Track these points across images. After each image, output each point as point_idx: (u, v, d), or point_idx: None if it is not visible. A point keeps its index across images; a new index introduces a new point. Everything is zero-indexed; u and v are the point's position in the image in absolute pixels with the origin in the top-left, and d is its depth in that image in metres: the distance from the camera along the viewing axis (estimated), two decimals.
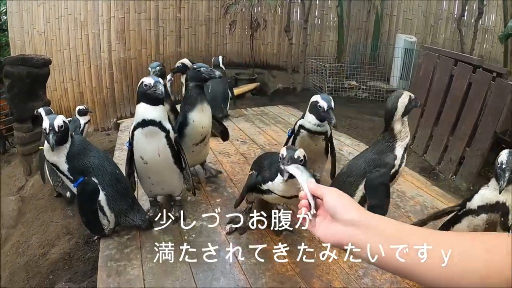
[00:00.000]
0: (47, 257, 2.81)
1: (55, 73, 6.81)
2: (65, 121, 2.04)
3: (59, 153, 2.07)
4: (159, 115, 2.20)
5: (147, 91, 2.15)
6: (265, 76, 7.87)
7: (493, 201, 1.77)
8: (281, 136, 4.30)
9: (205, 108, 2.67)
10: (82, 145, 2.14)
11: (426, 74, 4.56)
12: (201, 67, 2.57)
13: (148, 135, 2.22)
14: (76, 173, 2.10)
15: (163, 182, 2.48)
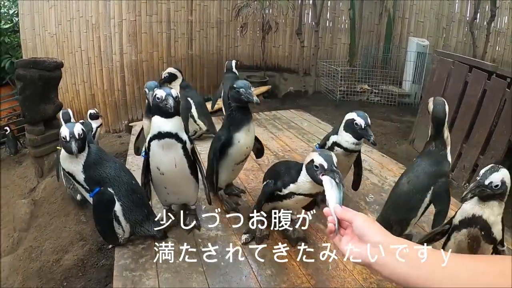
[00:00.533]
0: (61, 263, 2.80)
1: (66, 75, 6.83)
2: (83, 129, 2.03)
3: (76, 162, 2.06)
4: (175, 126, 2.18)
5: (159, 104, 2.13)
6: (276, 79, 7.84)
7: (469, 214, 1.76)
8: (294, 142, 4.28)
9: (251, 128, 2.59)
10: (98, 155, 2.13)
11: (440, 80, 4.51)
12: (241, 87, 2.39)
13: (165, 147, 2.21)
14: (92, 183, 2.09)
15: (179, 192, 2.47)
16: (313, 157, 1.87)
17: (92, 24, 6.68)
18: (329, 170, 1.76)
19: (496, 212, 1.71)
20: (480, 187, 1.67)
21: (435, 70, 4.71)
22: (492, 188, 1.66)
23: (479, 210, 1.73)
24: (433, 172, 2.22)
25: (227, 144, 2.54)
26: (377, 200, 3.01)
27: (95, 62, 6.80)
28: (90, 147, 2.13)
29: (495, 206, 1.71)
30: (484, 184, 1.66)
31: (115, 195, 2.14)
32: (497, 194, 1.68)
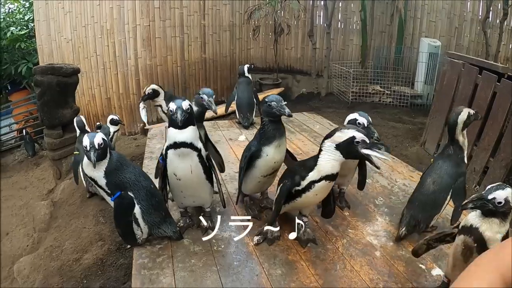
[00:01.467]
0: (81, 262, 2.92)
1: (82, 80, 6.93)
2: (104, 138, 2.13)
3: (98, 169, 2.16)
4: (189, 136, 2.27)
5: (172, 116, 2.24)
6: (289, 80, 7.92)
7: (469, 223, 1.78)
8: (307, 145, 4.33)
9: (282, 143, 2.54)
10: (119, 161, 2.24)
11: (450, 82, 4.53)
12: (272, 101, 2.39)
13: (181, 155, 2.31)
14: (113, 187, 2.20)
15: (195, 196, 2.56)
16: (353, 134, 1.97)
17: (107, 30, 6.81)
18: (371, 144, 1.95)
19: (495, 229, 1.71)
20: (482, 200, 1.70)
21: (445, 73, 4.73)
22: (494, 204, 1.67)
23: (478, 222, 1.74)
24: (453, 173, 2.46)
25: (255, 156, 2.55)
26: (386, 202, 3.06)
27: (111, 66, 6.93)
28: (112, 154, 2.24)
29: (494, 223, 1.71)
30: (486, 198, 1.68)
31: (134, 198, 2.25)
32: (499, 211, 1.68)
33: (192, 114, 2.31)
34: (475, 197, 1.72)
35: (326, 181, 2.14)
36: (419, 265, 2.30)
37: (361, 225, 2.71)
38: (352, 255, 2.38)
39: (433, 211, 2.51)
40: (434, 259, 2.36)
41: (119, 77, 6.91)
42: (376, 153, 1.93)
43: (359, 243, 2.50)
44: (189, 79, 7.41)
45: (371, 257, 2.37)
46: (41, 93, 4.81)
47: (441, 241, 2.02)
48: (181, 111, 2.20)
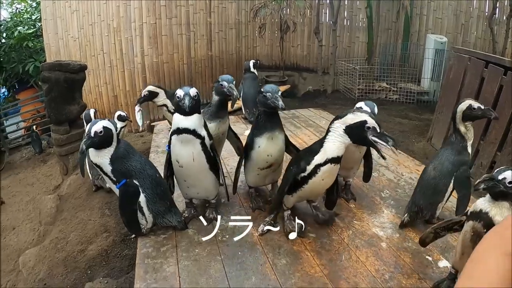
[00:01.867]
0: (85, 253, 2.94)
1: (89, 77, 6.97)
2: (106, 126, 2.14)
3: (103, 156, 2.18)
4: (193, 123, 2.28)
5: (179, 102, 2.25)
6: (295, 78, 7.91)
7: (478, 208, 1.76)
8: (313, 139, 4.31)
9: (275, 136, 2.50)
10: (126, 150, 2.26)
11: (456, 76, 4.49)
12: (268, 92, 2.36)
13: (183, 142, 2.31)
14: (119, 175, 2.21)
15: (199, 186, 2.55)
16: (365, 118, 1.97)
17: (114, 28, 6.84)
18: (381, 134, 1.94)
19: (505, 213, 1.69)
20: (493, 180, 1.69)
21: (451, 67, 4.69)
22: (504, 185, 1.66)
23: (488, 207, 1.72)
24: (455, 160, 2.41)
25: (249, 146, 2.57)
26: (392, 195, 3.04)
27: (117, 64, 6.96)
28: (120, 142, 2.26)
29: (504, 207, 1.69)
30: (497, 179, 1.68)
31: (140, 187, 2.26)
32: (509, 193, 1.67)
33: (199, 102, 2.32)
34: (487, 177, 1.72)
35: (331, 164, 2.13)
36: (425, 256, 2.29)
37: (367, 217, 2.70)
38: (358, 246, 2.37)
39: (434, 197, 2.48)
40: (441, 251, 2.34)
41: (126, 74, 6.94)
42: (384, 144, 1.93)
43: (364, 234, 2.49)
44: (196, 76, 7.42)
45: (377, 248, 2.36)
46: (48, 89, 4.83)
47: (448, 229, 1.99)
48: (189, 97, 2.21)
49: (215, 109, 2.74)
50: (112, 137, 2.19)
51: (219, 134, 2.80)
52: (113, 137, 2.19)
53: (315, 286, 2.02)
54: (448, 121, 4.45)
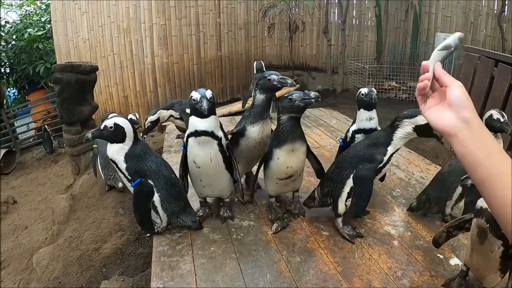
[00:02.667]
0: (100, 252, 2.97)
1: (100, 78, 7.02)
2: (118, 123, 2.19)
3: (119, 152, 2.23)
4: (210, 125, 2.30)
5: (195, 105, 2.25)
6: (304, 77, 7.93)
7: (478, 206, 1.75)
8: (324, 139, 4.34)
9: (296, 149, 2.34)
10: (143, 150, 2.29)
11: (466, 76, 4.47)
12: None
13: (201, 143, 2.33)
14: (133, 174, 2.24)
15: (214, 185, 2.57)
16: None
17: (124, 29, 6.90)
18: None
19: None
20: None
21: (461, 66, 4.68)
22: None
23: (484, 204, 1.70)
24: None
25: (268, 157, 2.42)
26: (403, 194, 3.04)
27: (127, 65, 7.03)
28: (138, 141, 2.30)
29: None
30: None
31: (154, 187, 2.28)
32: None
33: (214, 104, 2.33)
34: None
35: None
36: (437, 254, 2.28)
37: (378, 216, 2.71)
38: (370, 244, 2.38)
39: (442, 192, 2.49)
40: (452, 248, 2.33)
41: (136, 75, 6.99)
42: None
43: (377, 232, 2.50)
44: (205, 76, 7.46)
45: (389, 246, 2.36)
46: (60, 90, 4.87)
47: (460, 228, 1.99)
48: (206, 100, 2.22)
49: (260, 109, 2.53)
50: (123, 134, 2.22)
51: (263, 138, 2.60)
52: (125, 135, 2.22)
53: (329, 283, 2.04)
54: None
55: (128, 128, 2.23)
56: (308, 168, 3.41)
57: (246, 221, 2.62)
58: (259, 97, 2.53)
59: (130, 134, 2.25)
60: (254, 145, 2.61)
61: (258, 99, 2.54)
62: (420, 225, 2.58)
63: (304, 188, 3.01)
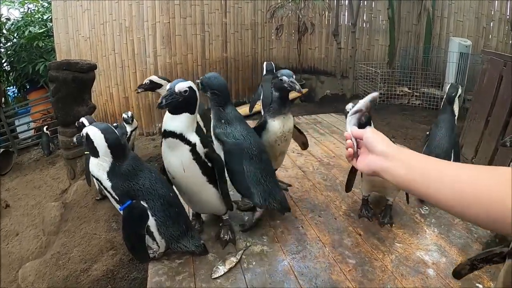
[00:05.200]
0: (89, 273, 2.65)
1: (100, 78, 6.84)
2: (88, 134, 1.84)
3: (98, 168, 1.87)
4: (180, 125, 1.93)
5: (168, 97, 1.90)
6: (313, 81, 7.63)
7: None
8: (339, 147, 4.02)
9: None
10: (132, 165, 1.90)
11: (490, 82, 4.17)
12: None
13: (171, 147, 1.99)
14: (123, 195, 1.87)
15: (198, 202, 2.22)
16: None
17: (126, 27, 6.65)
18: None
19: None
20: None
21: (485, 71, 4.37)
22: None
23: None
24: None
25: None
26: (432, 212, 2.70)
27: (129, 65, 6.76)
28: (123, 157, 1.91)
29: None
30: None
31: (148, 209, 1.91)
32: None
33: (192, 99, 1.95)
34: None
35: None
36: (475, 284, 2.00)
37: (408, 238, 2.37)
38: (403, 273, 2.04)
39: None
40: (491, 276, 2.05)
41: (137, 75, 6.71)
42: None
43: (409, 259, 2.16)
44: None
45: (424, 275, 2.04)
46: (55, 89, 4.60)
47: (487, 261, 1.70)
48: (172, 93, 1.87)
49: (276, 105, 2.54)
50: (95, 149, 1.85)
51: (285, 132, 2.58)
52: (96, 150, 1.85)
53: None
54: (481, 130, 4.14)
55: (99, 142, 1.84)
56: (326, 181, 3.12)
57: (258, 245, 2.26)
58: (275, 95, 2.55)
59: (104, 150, 1.85)
60: (275, 139, 2.55)
61: (275, 96, 2.56)
62: (454, 249, 2.27)
63: (323, 204, 2.70)
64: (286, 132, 2.57)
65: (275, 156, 2.65)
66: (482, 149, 4.10)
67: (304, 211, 2.61)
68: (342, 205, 2.77)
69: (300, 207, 2.73)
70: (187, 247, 2.07)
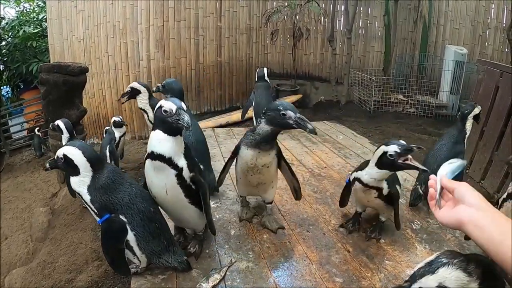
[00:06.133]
0: (74, 284, 2.58)
1: (93, 80, 6.80)
2: (66, 154, 1.80)
3: (79, 184, 1.82)
4: (170, 149, 1.86)
5: (167, 118, 1.81)
6: (307, 87, 7.58)
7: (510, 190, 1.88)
8: (331, 157, 3.97)
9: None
10: (111, 178, 1.85)
11: (487, 92, 4.15)
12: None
13: (156, 169, 1.92)
14: (101, 208, 1.82)
15: (180, 220, 2.18)
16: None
17: (120, 29, 6.63)
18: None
19: None
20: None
21: (481, 81, 4.36)
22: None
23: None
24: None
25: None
26: (424, 227, 2.66)
27: (122, 67, 6.73)
28: (103, 169, 1.86)
29: None
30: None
31: (128, 224, 1.85)
32: None
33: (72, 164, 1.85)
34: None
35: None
36: None
37: (398, 255, 2.32)
38: None
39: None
40: None
41: (130, 78, 6.68)
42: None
43: (398, 278, 2.11)
44: (203, 83, 7.17)
45: None
46: (46, 92, 4.56)
47: None
48: (184, 112, 1.78)
49: (260, 139, 2.19)
50: (75, 167, 1.80)
51: (258, 166, 2.28)
52: (77, 168, 1.80)
53: None
54: (476, 140, 4.12)
55: (78, 159, 1.80)
56: (316, 194, 3.08)
57: (244, 261, 2.20)
58: (263, 127, 2.15)
59: (84, 165, 1.81)
60: (246, 169, 2.31)
61: (262, 129, 2.16)
62: None
63: (312, 218, 2.65)
64: (259, 166, 2.29)
65: (252, 186, 2.46)
66: (477, 160, 4.08)
67: (292, 225, 2.56)
68: (331, 219, 2.71)
69: (288, 221, 2.67)
70: (169, 262, 2.01)
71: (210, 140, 4.61)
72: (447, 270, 1.17)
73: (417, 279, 1.25)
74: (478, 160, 4.05)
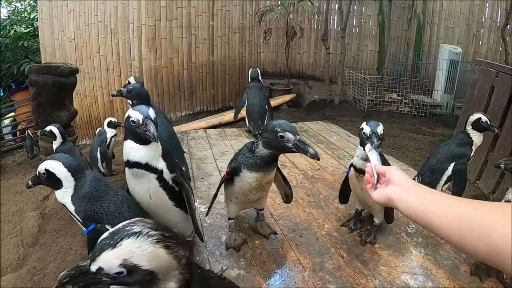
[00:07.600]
0: None
1: (85, 81, 6.73)
2: (48, 169, 1.78)
3: (63, 196, 1.81)
4: (145, 156, 1.83)
5: (135, 129, 1.77)
6: (300, 86, 7.54)
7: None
8: (324, 158, 3.93)
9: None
10: (94, 187, 1.81)
11: (482, 92, 4.13)
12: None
13: (136, 176, 1.89)
14: (86, 218, 1.79)
15: (168, 224, 2.12)
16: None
17: (111, 29, 6.57)
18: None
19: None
20: None
21: (476, 82, 4.33)
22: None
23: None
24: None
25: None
26: (419, 230, 2.62)
27: (114, 67, 6.66)
28: (84, 177, 1.84)
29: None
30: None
31: None
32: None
33: (157, 126, 1.82)
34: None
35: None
36: None
37: (393, 260, 2.29)
38: None
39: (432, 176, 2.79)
40: None
41: (122, 79, 6.60)
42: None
43: (393, 284, 2.07)
44: (196, 82, 7.11)
45: None
46: (36, 94, 4.51)
47: None
48: (152, 122, 1.76)
49: (260, 162, 2.02)
50: (57, 180, 1.79)
51: (262, 185, 2.17)
52: (59, 181, 1.79)
53: None
54: None
55: (60, 172, 1.78)
56: (309, 197, 3.04)
57: (235, 269, 2.16)
58: (262, 151, 1.99)
59: (66, 177, 1.79)
60: (249, 189, 2.16)
61: (261, 152, 2.00)
62: (441, 272, 2.19)
63: (305, 222, 2.61)
64: (264, 184, 2.18)
65: (250, 202, 2.35)
66: (472, 160, 4.05)
67: (284, 230, 2.52)
68: (325, 223, 2.67)
69: (280, 225, 2.63)
70: None
71: (202, 141, 4.55)
72: (136, 242, 0.90)
73: (96, 255, 0.93)
74: (473, 160, 4.02)
